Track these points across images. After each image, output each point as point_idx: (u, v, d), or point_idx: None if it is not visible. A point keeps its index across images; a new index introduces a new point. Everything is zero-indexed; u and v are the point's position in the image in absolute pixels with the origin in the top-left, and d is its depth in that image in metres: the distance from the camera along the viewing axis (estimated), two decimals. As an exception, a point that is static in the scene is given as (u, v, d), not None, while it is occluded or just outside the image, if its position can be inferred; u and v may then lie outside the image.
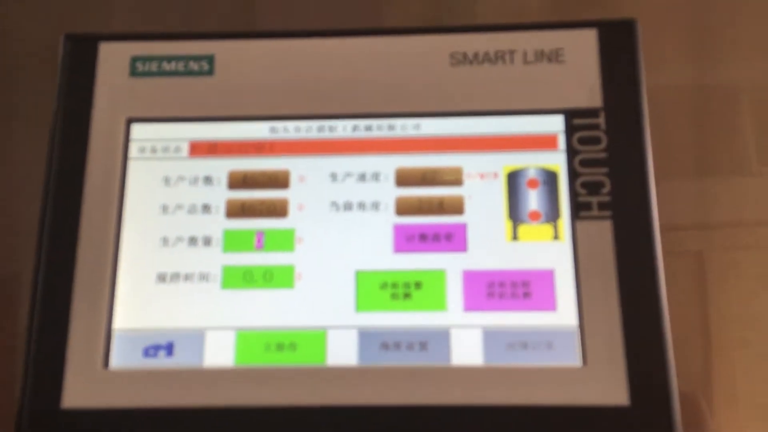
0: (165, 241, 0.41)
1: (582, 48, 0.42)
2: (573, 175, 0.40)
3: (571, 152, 0.41)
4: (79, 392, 0.38)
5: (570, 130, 0.41)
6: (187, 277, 0.40)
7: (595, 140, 0.41)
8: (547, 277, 0.39)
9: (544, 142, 0.41)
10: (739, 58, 0.51)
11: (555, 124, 0.41)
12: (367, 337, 0.39)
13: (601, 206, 0.40)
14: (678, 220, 0.47)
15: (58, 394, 0.38)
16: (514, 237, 0.40)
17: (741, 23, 0.52)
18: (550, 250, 0.40)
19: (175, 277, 0.40)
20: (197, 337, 0.39)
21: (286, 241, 0.41)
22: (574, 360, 0.38)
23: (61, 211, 0.40)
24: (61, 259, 0.40)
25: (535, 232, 0.40)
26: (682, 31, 0.52)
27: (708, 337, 0.46)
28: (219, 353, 0.39)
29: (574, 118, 0.41)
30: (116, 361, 0.39)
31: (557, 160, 0.41)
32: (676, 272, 0.45)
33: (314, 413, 0.37)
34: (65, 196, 0.41)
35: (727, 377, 0.45)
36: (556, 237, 0.40)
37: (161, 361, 0.39)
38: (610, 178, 0.40)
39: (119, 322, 0.39)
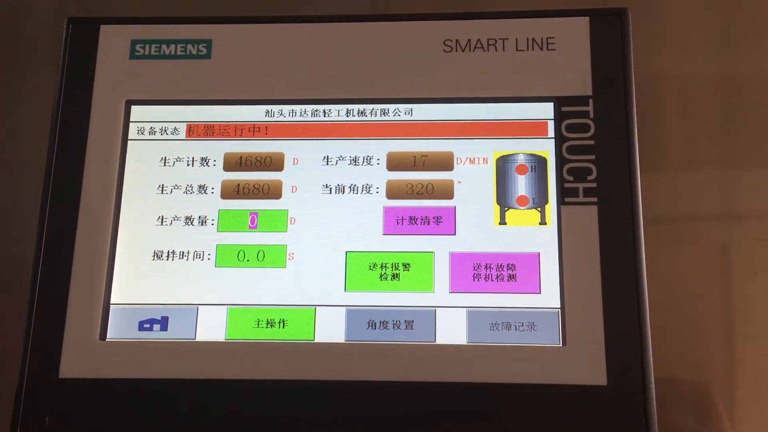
0: (162, 219, 0.45)
1: (573, 36, 0.45)
2: (561, 161, 0.44)
3: (559, 139, 0.44)
4: (75, 363, 0.42)
5: (559, 117, 0.44)
6: (183, 255, 0.44)
7: (584, 127, 0.44)
8: (532, 260, 0.43)
9: (534, 129, 0.45)
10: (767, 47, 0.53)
11: (545, 111, 0.45)
12: (354, 315, 0.43)
13: (587, 192, 0.43)
14: (703, 211, 0.49)
15: (56, 364, 0.42)
16: (502, 221, 0.44)
17: (769, 12, 0.54)
18: (536, 234, 0.43)
19: (171, 254, 0.44)
20: (191, 313, 0.43)
21: (279, 221, 0.44)
22: (555, 340, 0.41)
23: (62, 188, 0.44)
24: (61, 235, 0.44)
25: (522, 217, 0.44)
26: (709, 19, 0.54)
27: (732, 330, 0.48)
28: (211, 328, 0.43)
29: (563, 105, 0.45)
30: (112, 333, 0.43)
31: (546, 147, 0.45)
32: (701, 263, 0.47)
33: (302, 387, 0.41)
34: (66, 175, 0.45)
35: (752, 371, 0.47)
36: (543, 222, 0.43)
37: (156, 335, 0.43)
38: (596, 165, 0.43)
39: (116, 296, 0.43)
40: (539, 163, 0.44)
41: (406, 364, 0.41)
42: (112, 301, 0.43)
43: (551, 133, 0.45)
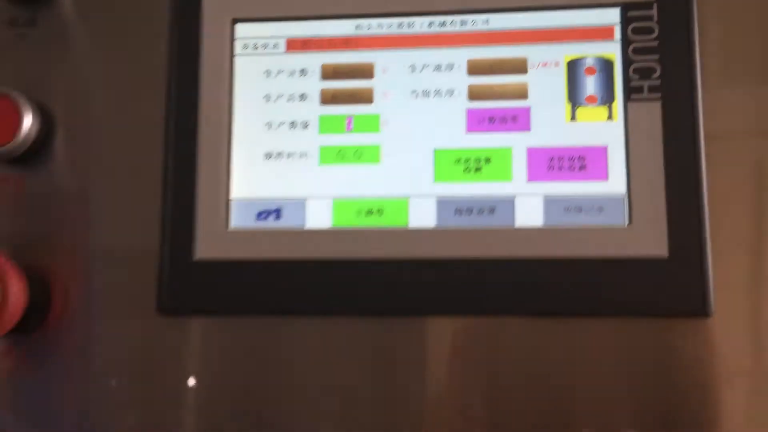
0: (269, 125, 0.51)
1: (639, -55, 0.49)
2: (627, 62, 0.48)
3: (625, 42, 0.49)
4: (206, 247, 0.49)
5: (625, 21, 0.49)
6: (290, 155, 0.51)
7: (648, 30, 0.48)
8: (601, 152, 0.48)
9: (602, 33, 0.49)
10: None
11: (612, 17, 0.49)
12: (443, 203, 0.49)
13: (651, 89, 0.48)
14: (738, 128, 0.49)
15: (191, 249, 0.49)
16: (573, 118, 0.49)
17: None
18: (604, 129, 0.48)
19: (280, 155, 0.51)
20: (300, 205, 0.50)
21: (372, 124, 0.50)
22: (622, 221, 0.47)
23: (182, 102, 0.51)
24: (186, 142, 0.50)
25: (591, 114, 0.49)
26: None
27: (764, 250, 0.50)
28: (318, 218, 0.50)
29: (629, 10, 0.49)
30: (235, 223, 0.50)
31: (613, 49, 0.49)
32: (734, 182, 0.48)
33: (398, 265, 0.48)
34: (186, 89, 0.51)
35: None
36: (610, 117, 0.49)
37: (271, 223, 0.50)
38: (660, 64, 0.48)
39: (235, 192, 0.50)
40: (606, 64, 0.49)
41: (489, 243, 0.48)
42: (232, 196, 0.50)
43: (617, 36, 0.49)
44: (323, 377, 0.49)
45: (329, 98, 0.51)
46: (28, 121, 0.51)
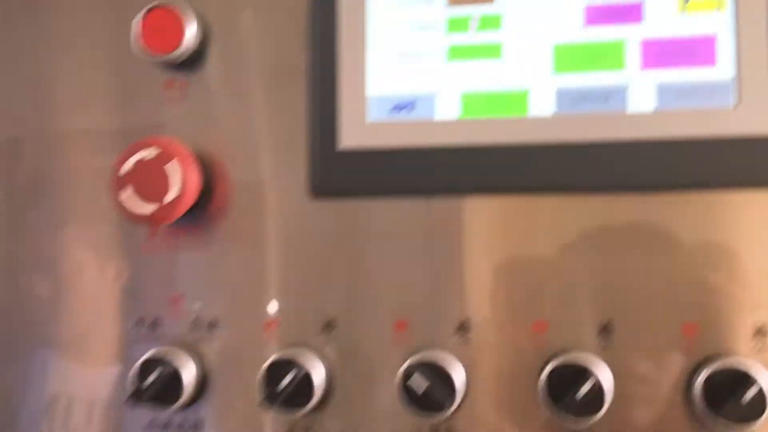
0: (402, 27, 0.57)
1: None
2: (738, -47, 0.52)
3: (737, -67, 0.52)
4: (349, 138, 0.57)
5: None
6: (420, 54, 0.57)
7: None
8: (710, 40, 0.52)
9: (714, -73, 0.52)
10: None
11: None
12: (561, 93, 0.54)
13: (762, -21, 0.51)
14: None
15: (335, 140, 0.57)
16: (684, 9, 0.53)
17: None
18: (714, 18, 0.52)
19: (411, 54, 0.57)
20: (430, 98, 0.56)
21: (495, 22, 0.56)
22: (730, 103, 0.51)
23: (323, 10, 0.57)
24: (327, 47, 0.57)
25: (701, 4, 0.52)
26: None
27: None
28: (447, 110, 0.56)
29: None
30: (372, 116, 0.57)
31: (725, -58, 0.52)
32: None
33: (520, 149, 0.54)
34: (327, 6, 0.57)
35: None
36: (719, 7, 0.52)
37: (404, 116, 0.56)
38: (771, -46, 0.51)
39: (371, 90, 0.57)
40: (718, -43, 0.52)
41: (604, 128, 0.53)
42: (369, 93, 0.57)
43: (729, -71, 0.52)
44: (445, 250, 0.56)
45: (455, 0, 0.56)
46: (191, 30, 0.58)
